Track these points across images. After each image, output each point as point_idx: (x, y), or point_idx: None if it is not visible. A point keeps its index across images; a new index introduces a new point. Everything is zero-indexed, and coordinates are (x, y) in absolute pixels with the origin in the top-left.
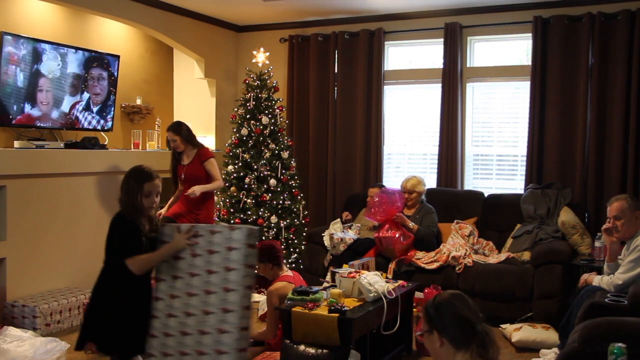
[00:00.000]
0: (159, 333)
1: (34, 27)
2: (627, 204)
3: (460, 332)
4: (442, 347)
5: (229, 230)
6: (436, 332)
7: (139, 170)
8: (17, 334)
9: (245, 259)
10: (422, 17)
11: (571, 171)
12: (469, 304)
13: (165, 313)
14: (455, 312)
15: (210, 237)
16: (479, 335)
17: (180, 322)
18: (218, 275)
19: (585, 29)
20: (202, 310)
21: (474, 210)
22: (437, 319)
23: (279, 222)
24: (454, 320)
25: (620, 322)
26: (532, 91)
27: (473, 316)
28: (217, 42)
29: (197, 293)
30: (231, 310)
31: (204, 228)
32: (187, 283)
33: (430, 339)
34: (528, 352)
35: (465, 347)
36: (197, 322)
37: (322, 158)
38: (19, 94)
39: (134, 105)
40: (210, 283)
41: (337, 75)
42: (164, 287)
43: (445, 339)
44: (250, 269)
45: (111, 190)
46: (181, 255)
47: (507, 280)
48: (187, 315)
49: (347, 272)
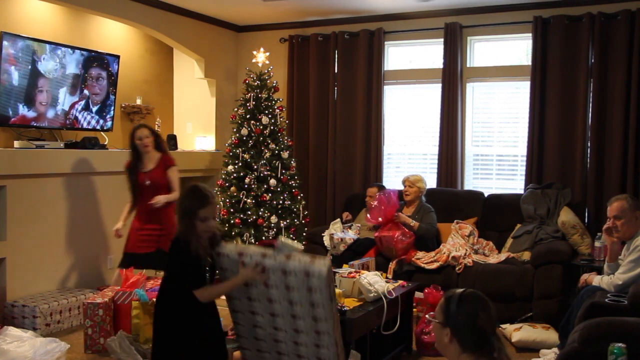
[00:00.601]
0: (248, 335)
1: (33, 27)
2: (627, 204)
3: (473, 339)
4: (451, 344)
5: (304, 275)
6: (449, 329)
7: (195, 192)
8: (17, 334)
9: (330, 295)
10: (422, 17)
11: (571, 171)
12: (490, 314)
13: (248, 324)
14: (474, 319)
15: (284, 278)
16: (491, 346)
17: (269, 333)
18: (302, 307)
19: (585, 29)
20: (292, 328)
21: (474, 210)
22: (454, 317)
23: (279, 222)
24: (471, 327)
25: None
26: (532, 91)
27: (490, 328)
28: (217, 42)
29: (281, 314)
30: (324, 332)
31: (269, 260)
32: (267, 306)
33: (442, 331)
34: (528, 352)
35: (472, 351)
36: (287, 336)
37: (322, 158)
38: (19, 94)
39: (134, 105)
40: (294, 310)
41: (337, 75)
42: (238, 304)
43: (456, 338)
44: (334, 297)
45: (111, 190)
46: (252, 283)
47: (507, 280)
48: (276, 330)
49: (347, 272)
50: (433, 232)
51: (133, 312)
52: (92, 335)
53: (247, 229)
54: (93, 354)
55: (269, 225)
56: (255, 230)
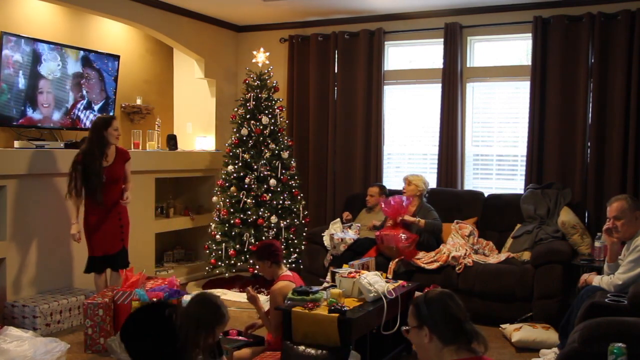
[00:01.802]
0: None
1: (33, 27)
2: (627, 204)
3: (449, 329)
4: (431, 343)
5: None
6: (427, 327)
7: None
8: (17, 334)
9: None
10: (422, 17)
11: (571, 171)
12: (458, 302)
13: None
14: (446, 310)
15: None
16: (467, 333)
17: None
18: None
19: (585, 29)
20: None
21: (474, 210)
22: (428, 315)
23: (279, 222)
24: (445, 318)
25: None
26: (532, 91)
27: (462, 315)
28: (217, 42)
29: None
30: None
31: None
32: None
33: (419, 334)
34: (528, 352)
35: (452, 342)
36: None
37: (322, 158)
38: (19, 94)
39: (134, 105)
40: None
41: (337, 75)
42: None
43: (435, 335)
44: None
45: None
46: None
47: (507, 280)
48: None
49: (347, 272)
50: (440, 227)
51: None
52: (92, 335)
53: (247, 229)
54: (93, 354)
55: (269, 225)
56: (255, 230)
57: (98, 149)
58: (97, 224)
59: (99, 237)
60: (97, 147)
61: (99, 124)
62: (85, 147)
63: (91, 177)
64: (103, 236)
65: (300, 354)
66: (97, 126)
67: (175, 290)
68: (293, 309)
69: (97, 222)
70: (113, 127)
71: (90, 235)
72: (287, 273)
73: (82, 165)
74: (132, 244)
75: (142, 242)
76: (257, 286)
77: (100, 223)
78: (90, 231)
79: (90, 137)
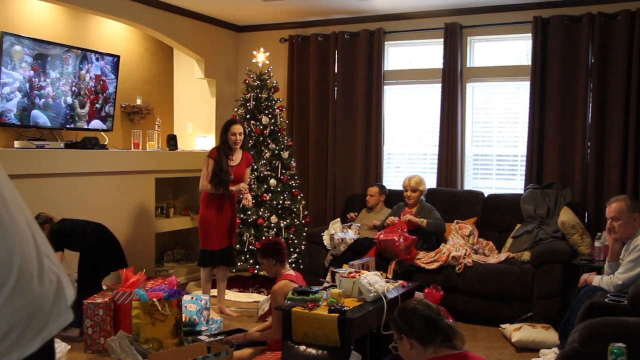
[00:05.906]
0: None
1: (34, 27)
2: (626, 205)
3: (425, 330)
4: (413, 349)
5: None
6: (405, 336)
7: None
8: None
9: None
10: (422, 17)
11: (571, 171)
12: (429, 304)
13: None
14: (417, 314)
15: None
16: (443, 330)
17: None
18: None
19: (585, 29)
20: None
21: (474, 210)
22: (403, 324)
23: (279, 222)
24: (418, 321)
25: (620, 322)
26: (532, 91)
27: (435, 314)
28: (217, 42)
29: None
30: None
31: None
32: None
33: (402, 345)
34: (528, 352)
35: (431, 342)
36: None
37: (322, 158)
38: (19, 95)
39: (134, 105)
40: None
41: (337, 75)
42: None
43: (414, 340)
44: None
45: (111, 190)
46: None
47: (507, 280)
48: None
49: (347, 272)
50: (443, 227)
51: (133, 312)
52: (92, 335)
53: (247, 229)
54: (93, 354)
55: (269, 225)
56: (255, 230)
57: (224, 150)
58: (214, 218)
59: (216, 232)
60: (224, 147)
61: (223, 127)
62: (219, 145)
63: (220, 172)
64: (219, 231)
65: (300, 354)
66: (222, 129)
67: (175, 290)
68: (293, 308)
69: (214, 216)
70: (231, 132)
71: (207, 230)
72: (290, 272)
73: (214, 161)
74: (132, 244)
75: (142, 242)
76: (257, 286)
77: (216, 218)
78: (208, 225)
79: (220, 137)
